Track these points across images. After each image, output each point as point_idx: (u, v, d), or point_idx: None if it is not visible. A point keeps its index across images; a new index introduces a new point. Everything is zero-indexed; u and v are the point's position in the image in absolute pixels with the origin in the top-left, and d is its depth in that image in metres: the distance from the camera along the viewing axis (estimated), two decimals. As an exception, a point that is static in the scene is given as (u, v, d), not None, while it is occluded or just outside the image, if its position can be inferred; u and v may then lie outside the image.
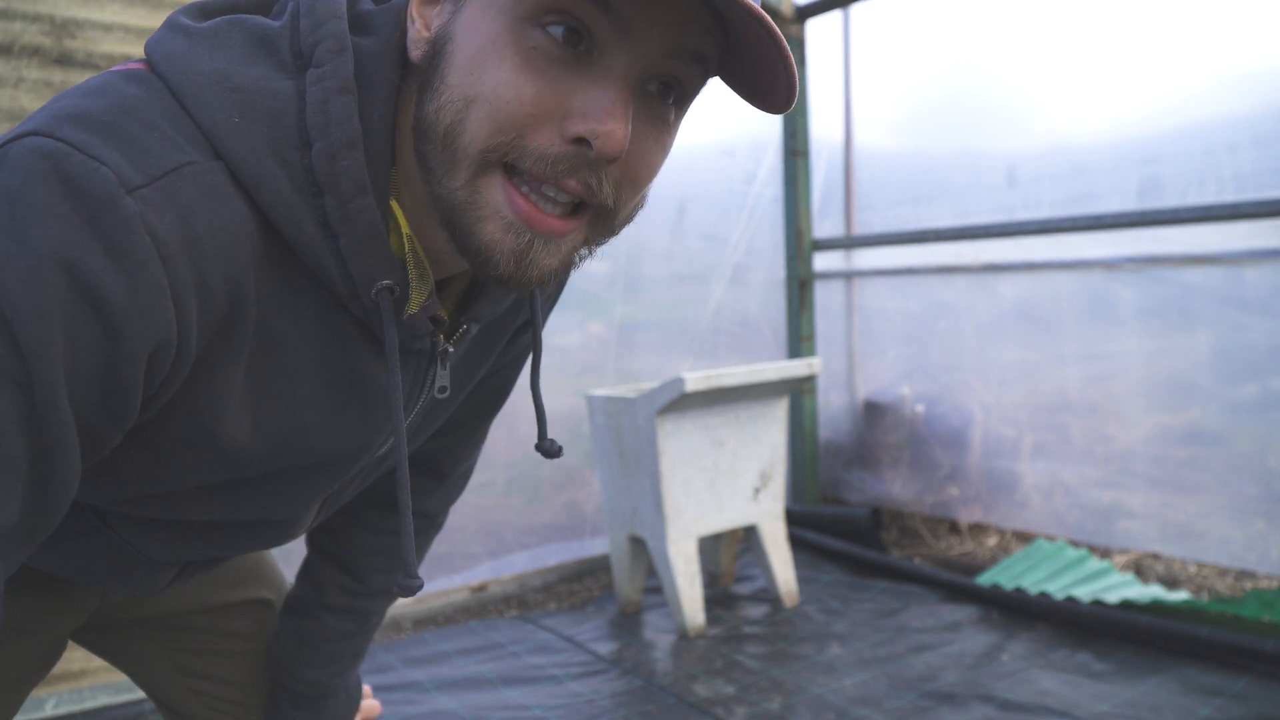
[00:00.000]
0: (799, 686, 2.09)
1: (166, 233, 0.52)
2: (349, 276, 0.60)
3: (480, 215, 0.58)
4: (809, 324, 3.37)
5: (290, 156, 0.57)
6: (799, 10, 3.24)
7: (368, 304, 0.62)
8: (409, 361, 0.70)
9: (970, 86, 3.09)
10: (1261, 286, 2.42)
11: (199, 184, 0.54)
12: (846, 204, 3.48)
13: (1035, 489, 2.92)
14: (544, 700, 2.07)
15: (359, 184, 0.58)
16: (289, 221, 0.58)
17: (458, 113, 0.56)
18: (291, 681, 1.00)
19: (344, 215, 0.58)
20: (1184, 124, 2.55)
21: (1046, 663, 2.15)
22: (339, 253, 0.59)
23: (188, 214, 0.53)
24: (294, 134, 0.58)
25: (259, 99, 0.57)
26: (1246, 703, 1.90)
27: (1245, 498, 2.45)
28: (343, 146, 0.57)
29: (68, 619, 0.89)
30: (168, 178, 0.53)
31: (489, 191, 0.57)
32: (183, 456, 0.64)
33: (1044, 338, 2.90)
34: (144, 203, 0.51)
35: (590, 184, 0.58)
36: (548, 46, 0.55)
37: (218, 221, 0.55)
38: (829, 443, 3.52)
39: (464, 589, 2.75)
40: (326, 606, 0.99)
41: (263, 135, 0.57)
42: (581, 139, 0.56)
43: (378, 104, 0.60)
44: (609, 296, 3.03)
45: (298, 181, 0.58)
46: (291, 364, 0.63)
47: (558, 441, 0.83)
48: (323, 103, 0.58)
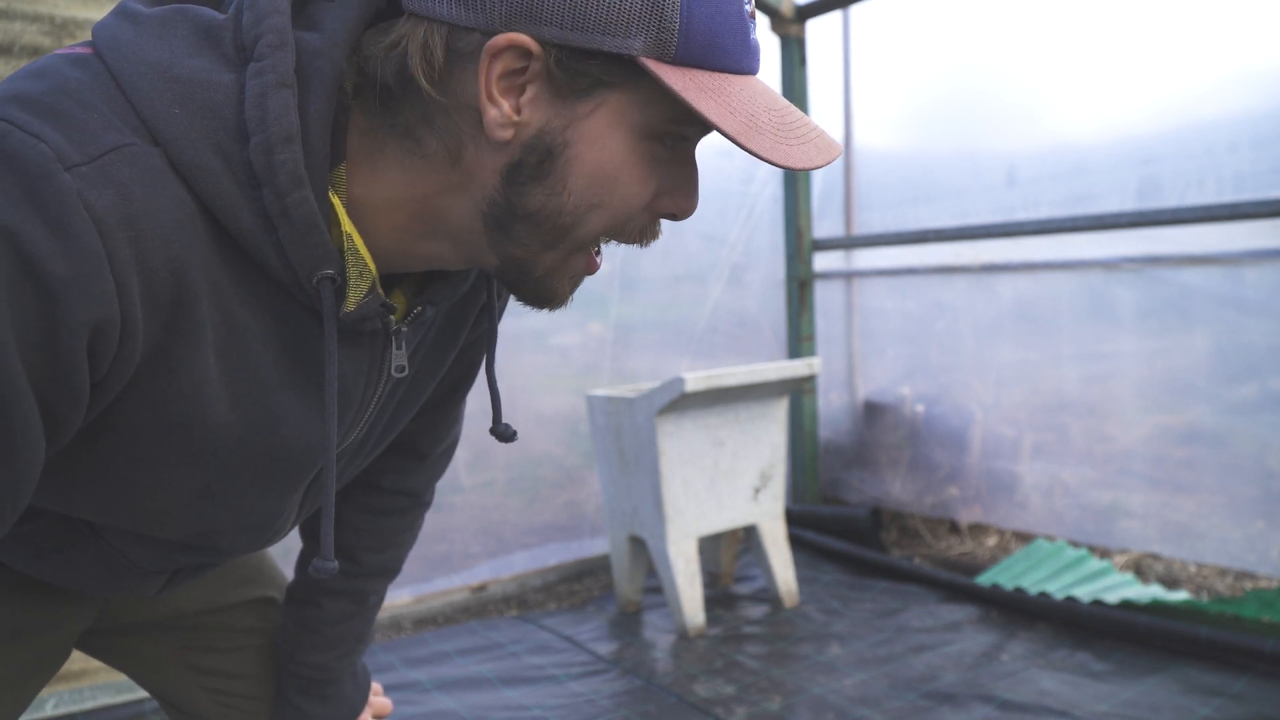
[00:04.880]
0: (799, 686, 2.09)
1: (104, 209, 0.52)
2: (290, 266, 0.61)
3: (564, 276, 0.68)
4: (809, 324, 3.37)
5: (229, 149, 0.58)
6: (799, 10, 3.24)
7: (310, 292, 0.63)
8: (362, 342, 0.70)
9: (970, 86, 3.09)
10: (1261, 287, 2.42)
11: (137, 165, 0.54)
12: (846, 204, 3.48)
13: (1035, 489, 2.92)
14: (544, 700, 2.07)
15: (295, 178, 0.59)
16: (228, 213, 0.58)
17: (581, 214, 0.64)
18: (297, 668, 1.01)
19: (281, 208, 0.59)
20: (1183, 124, 2.55)
21: (1046, 663, 2.16)
22: (279, 244, 0.60)
23: (126, 193, 0.53)
24: (233, 127, 0.58)
25: (199, 91, 0.58)
26: (1246, 703, 1.90)
27: (1244, 498, 2.45)
28: (279, 141, 0.58)
29: (72, 620, 0.89)
30: (106, 157, 0.53)
31: (577, 262, 0.68)
32: (160, 455, 0.64)
33: (1043, 338, 2.90)
34: (81, 180, 0.52)
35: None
36: (662, 154, 0.65)
37: (157, 203, 0.55)
38: (829, 443, 3.52)
39: (464, 589, 2.75)
40: (324, 590, 1.00)
41: (201, 127, 0.57)
42: (670, 214, 0.68)
43: (316, 99, 0.60)
44: (606, 296, 3.03)
45: (237, 174, 0.58)
46: (256, 349, 0.64)
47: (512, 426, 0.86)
48: (261, 97, 0.58)
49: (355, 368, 0.71)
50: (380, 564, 1.03)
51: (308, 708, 1.02)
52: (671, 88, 0.59)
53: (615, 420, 2.48)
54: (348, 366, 0.70)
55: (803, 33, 3.29)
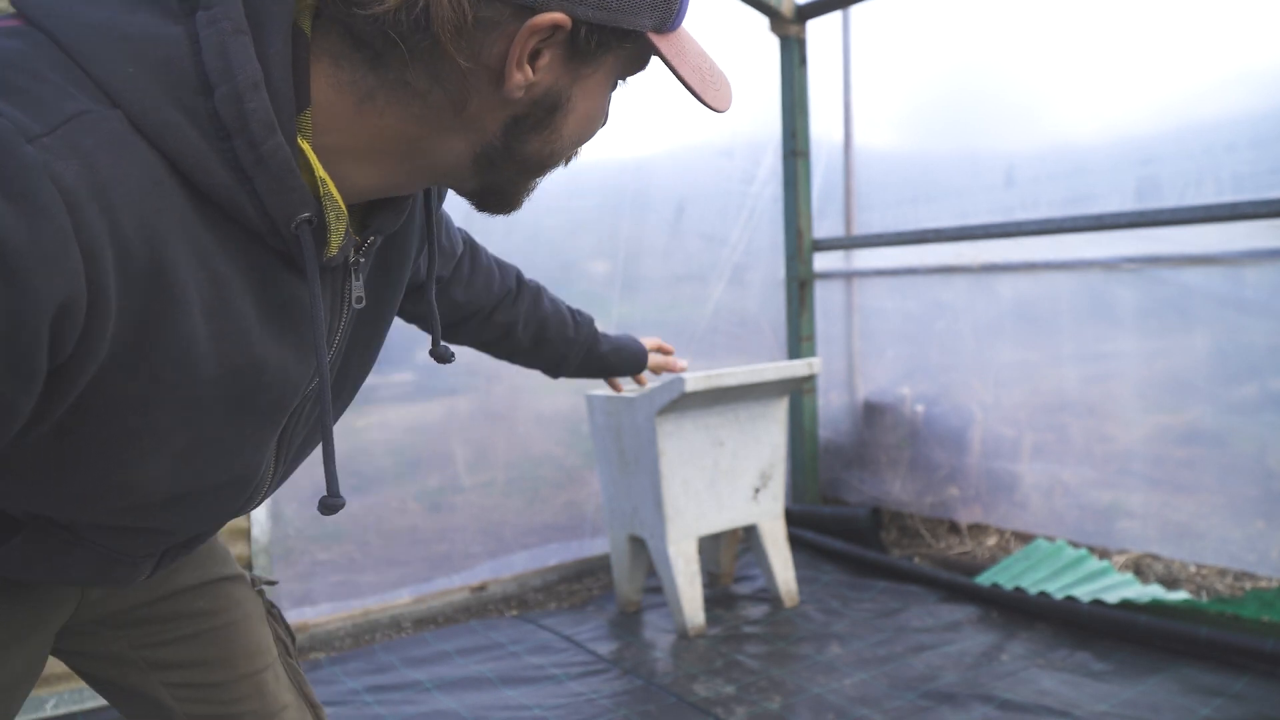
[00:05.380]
0: (799, 686, 2.09)
1: (73, 180, 0.51)
2: (266, 214, 0.61)
3: (526, 191, 0.75)
4: (809, 324, 3.37)
5: (192, 103, 0.57)
6: (799, 10, 3.24)
7: (287, 237, 0.63)
8: (326, 279, 0.71)
9: (970, 86, 3.09)
10: (1260, 287, 2.42)
11: (99, 132, 0.53)
12: (846, 204, 3.48)
13: (1035, 489, 2.92)
14: (544, 700, 2.07)
15: (268, 124, 0.59)
16: (198, 168, 0.58)
17: (564, 151, 0.72)
18: (571, 350, 1.39)
19: (257, 157, 0.59)
20: (1182, 124, 2.55)
21: (1046, 662, 2.16)
22: (255, 194, 0.60)
23: (92, 161, 0.52)
24: (192, 79, 0.57)
25: (150, 47, 0.57)
26: (1246, 703, 1.90)
27: (1244, 498, 2.45)
28: (247, 88, 0.58)
29: (48, 621, 0.88)
30: (67, 125, 0.52)
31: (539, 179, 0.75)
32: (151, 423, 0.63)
33: (1043, 338, 2.90)
34: (46, 151, 0.50)
35: None
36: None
37: (124, 169, 0.54)
38: (829, 443, 3.52)
39: (464, 589, 2.75)
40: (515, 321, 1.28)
41: (160, 83, 0.56)
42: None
43: (273, 42, 0.60)
44: (607, 296, 3.03)
45: (203, 127, 0.57)
46: (238, 301, 0.64)
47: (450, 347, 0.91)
48: (220, 46, 0.57)
49: (325, 304, 0.73)
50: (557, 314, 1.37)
51: (600, 360, 1.45)
52: (669, 61, 0.69)
53: (615, 420, 2.48)
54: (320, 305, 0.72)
55: (803, 33, 3.29)
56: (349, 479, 2.54)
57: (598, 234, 3.01)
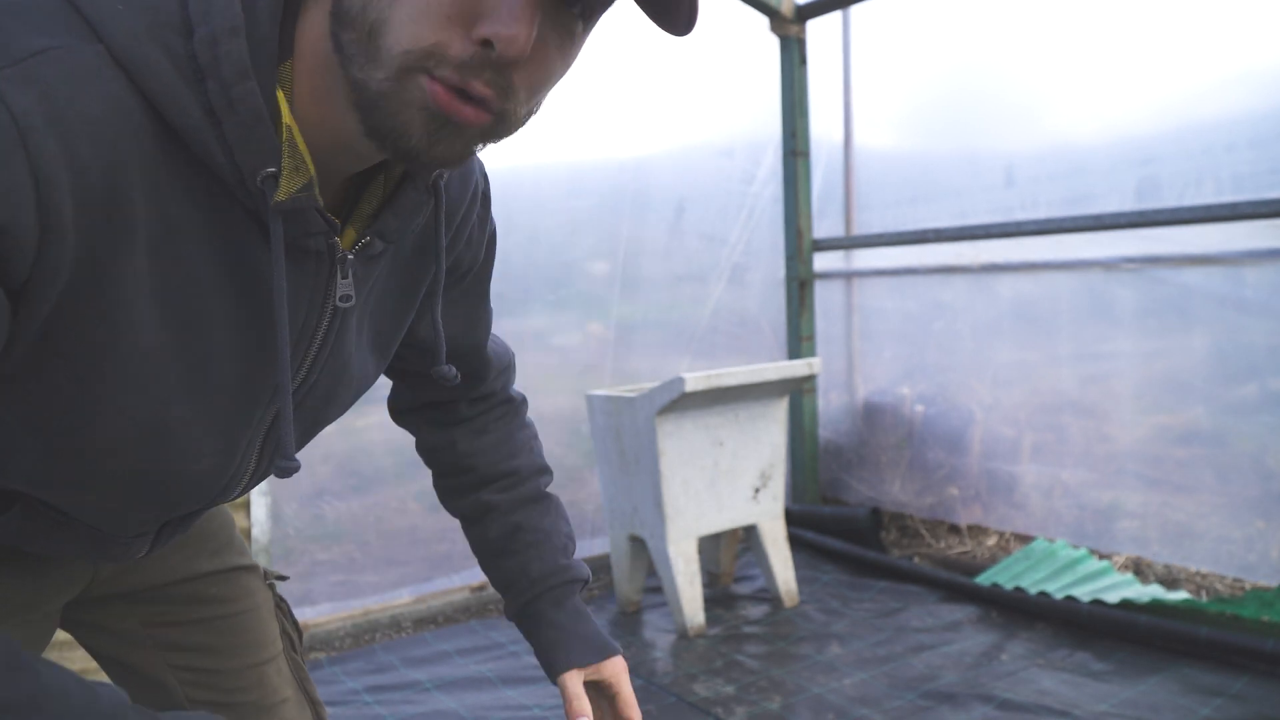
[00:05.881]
0: (799, 686, 2.10)
1: (26, 109, 0.52)
2: (235, 164, 0.61)
3: (403, 104, 0.60)
4: (809, 324, 3.37)
5: (172, 42, 0.58)
6: (799, 10, 3.25)
7: (254, 191, 0.63)
8: (305, 264, 0.69)
9: (970, 86, 3.09)
10: (1260, 287, 2.42)
11: (64, 65, 0.55)
12: (846, 204, 3.48)
13: (1034, 489, 2.92)
14: (544, 700, 2.07)
15: (241, 69, 0.59)
16: (173, 107, 0.58)
17: (382, 10, 0.58)
18: (542, 588, 1.09)
19: (227, 101, 0.59)
20: (1182, 124, 2.55)
21: (1046, 662, 2.16)
22: (224, 139, 0.60)
23: (50, 92, 0.54)
24: (177, 20, 0.59)
25: None
26: (1246, 703, 1.90)
27: (1243, 498, 2.45)
28: (224, 32, 0.59)
29: (53, 594, 0.89)
30: (30, 60, 0.54)
31: (412, 88, 0.60)
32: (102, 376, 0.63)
33: (1043, 338, 2.90)
34: (4, 80, 0.52)
35: (498, 86, 0.61)
36: None
37: (85, 101, 0.55)
38: (829, 443, 3.52)
39: (464, 589, 2.75)
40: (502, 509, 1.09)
41: (144, 20, 0.58)
42: (487, 41, 0.58)
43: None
44: (606, 296, 3.03)
45: (181, 67, 0.59)
46: (190, 250, 0.63)
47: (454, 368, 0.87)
48: None
49: (296, 289, 0.70)
50: (524, 466, 1.08)
51: (570, 622, 1.08)
52: None
53: (615, 420, 2.48)
54: (289, 285, 0.69)
55: (803, 33, 3.29)
56: (349, 479, 2.54)
57: (597, 234, 3.01)
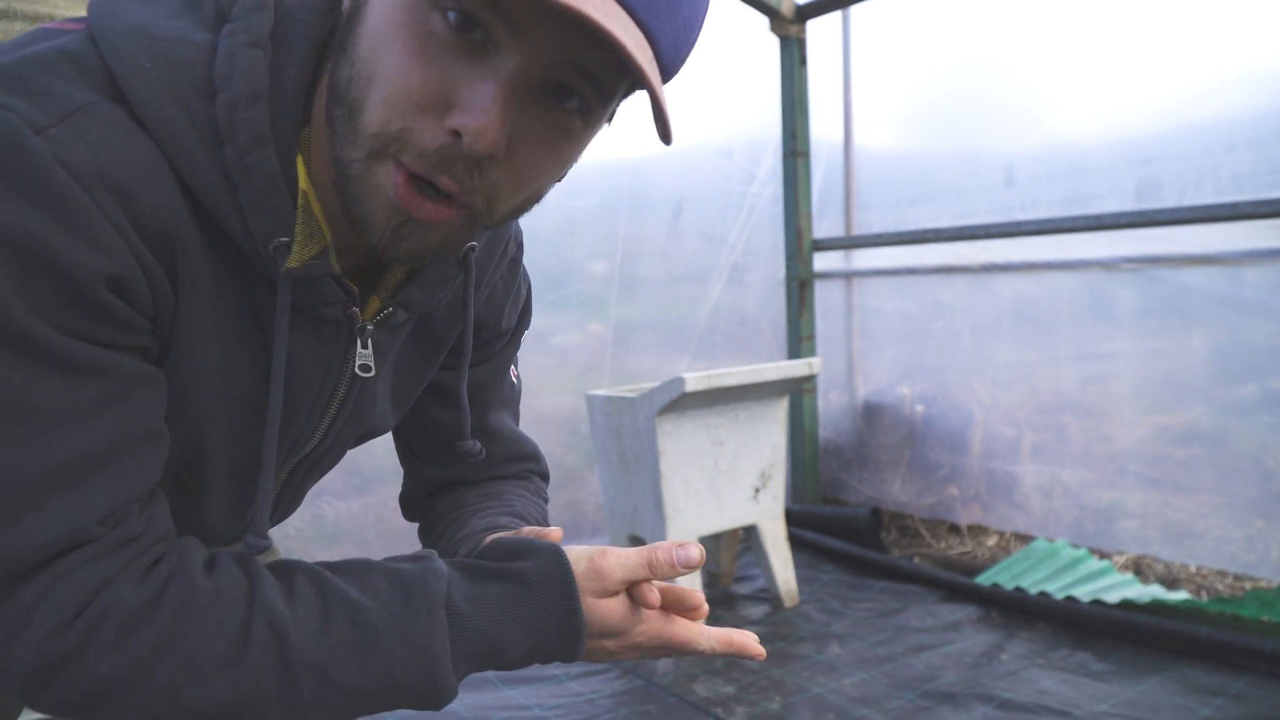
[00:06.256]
0: (799, 686, 2.09)
1: (80, 165, 0.53)
2: (249, 231, 0.61)
3: (369, 190, 0.58)
4: (809, 324, 3.37)
5: (194, 104, 0.58)
6: (799, 10, 3.24)
7: (267, 259, 0.62)
8: (324, 331, 0.69)
9: (969, 86, 3.09)
10: (1260, 287, 2.42)
11: (104, 121, 0.55)
12: (846, 204, 3.48)
13: (1034, 489, 2.92)
14: (544, 700, 2.07)
15: (258, 137, 0.58)
16: (190, 168, 0.58)
17: (361, 90, 0.57)
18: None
19: (242, 167, 0.59)
20: (1182, 124, 2.55)
21: (1046, 662, 2.16)
22: (239, 205, 0.60)
23: (97, 148, 0.54)
24: (201, 83, 0.58)
25: (172, 47, 0.58)
26: (1246, 703, 1.90)
27: (1244, 498, 2.45)
28: (245, 99, 0.58)
29: None
30: (75, 115, 0.54)
31: (380, 175, 0.58)
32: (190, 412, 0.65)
33: (1042, 338, 2.90)
34: (54, 141, 0.52)
35: (463, 181, 0.58)
36: (443, 33, 0.55)
37: (128, 155, 0.55)
38: (829, 443, 3.52)
39: (463, 589, 2.74)
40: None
41: (168, 80, 0.57)
42: (457, 132, 0.56)
43: (292, 61, 0.60)
44: (606, 297, 3.03)
45: (200, 129, 0.58)
46: (216, 305, 0.63)
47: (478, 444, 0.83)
48: (230, 55, 0.58)
49: (313, 354, 0.69)
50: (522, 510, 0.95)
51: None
52: None
53: (615, 420, 2.48)
54: (304, 351, 0.68)
55: (803, 33, 3.29)
56: (349, 478, 2.53)
57: (595, 234, 3.01)
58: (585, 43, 0.55)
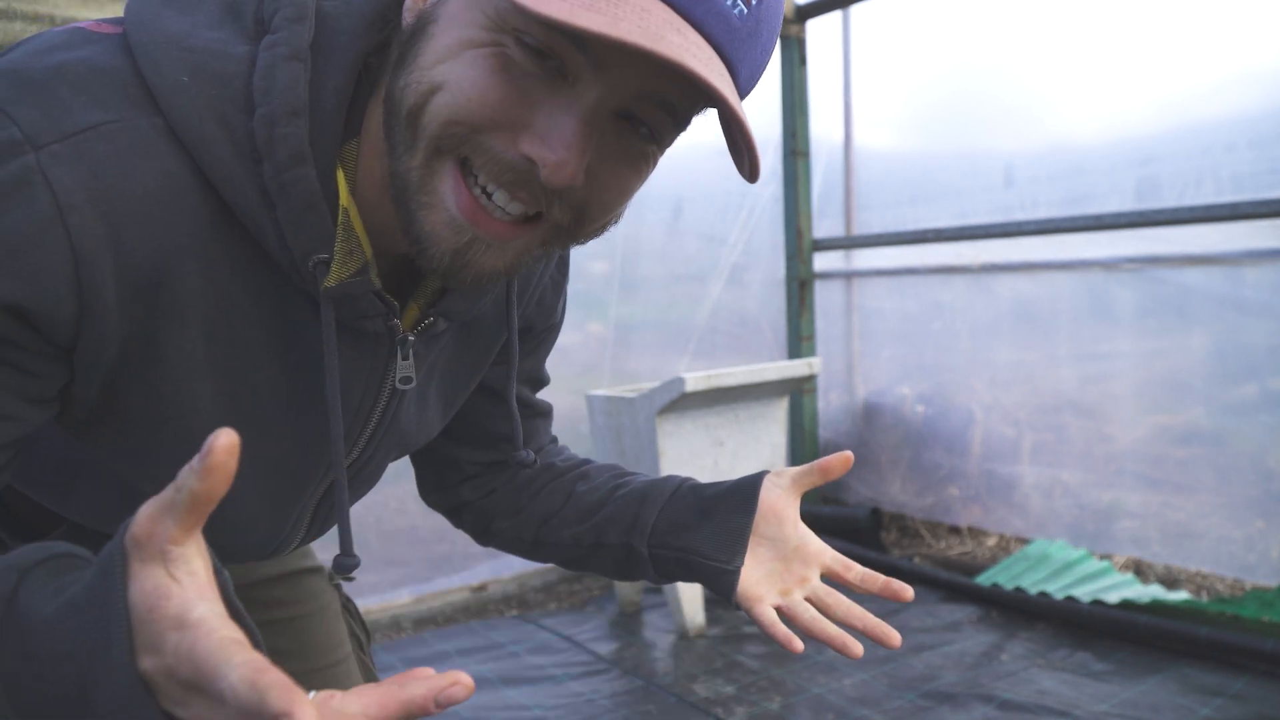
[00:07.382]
0: (799, 686, 2.09)
1: (71, 184, 0.52)
2: (286, 247, 0.60)
3: (428, 201, 0.57)
4: (809, 324, 3.37)
5: (234, 119, 0.57)
6: (799, 10, 3.24)
7: (306, 276, 0.61)
8: (364, 345, 0.67)
9: (970, 87, 3.09)
10: (1260, 287, 2.42)
11: (115, 142, 0.54)
12: (846, 204, 3.48)
13: (1034, 489, 2.92)
14: (544, 700, 2.07)
15: (297, 153, 0.57)
16: (228, 185, 0.57)
17: (423, 96, 0.55)
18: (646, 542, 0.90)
19: (280, 184, 0.57)
20: (1182, 124, 2.55)
21: (1046, 662, 2.16)
22: (277, 222, 0.59)
23: (98, 169, 0.53)
24: (240, 97, 0.57)
25: (211, 60, 0.57)
26: (1246, 703, 1.90)
27: (1243, 498, 2.45)
28: (284, 114, 0.57)
29: None
30: (82, 134, 0.53)
31: (440, 179, 0.57)
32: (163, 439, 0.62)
33: (1042, 338, 2.90)
34: (51, 156, 0.51)
35: (542, 200, 0.58)
36: (523, 60, 0.55)
37: (134, 179, 0.54)
38: (829, 443, 3.52)
39: (464, 589, 2.75)
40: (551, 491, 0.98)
41: (208, 95, 0.56)
42: (529, 157, 0.55)
43: (333, 74, 0.59)
44: (605, 297, 3.03)
45: (239, 145, 0.57)
46: (247, 329, 0.62)
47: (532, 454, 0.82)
48: (270, 69, 0.57)
49: (353, 369, 0.68)
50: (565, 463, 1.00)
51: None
52: None
53: (615, 420, 2.48)
54: (343, 365, 0.67)
55: (803, 33, 3.29)
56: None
57: (597, 234, 3.01)
58: (667, 77, 0.55)
